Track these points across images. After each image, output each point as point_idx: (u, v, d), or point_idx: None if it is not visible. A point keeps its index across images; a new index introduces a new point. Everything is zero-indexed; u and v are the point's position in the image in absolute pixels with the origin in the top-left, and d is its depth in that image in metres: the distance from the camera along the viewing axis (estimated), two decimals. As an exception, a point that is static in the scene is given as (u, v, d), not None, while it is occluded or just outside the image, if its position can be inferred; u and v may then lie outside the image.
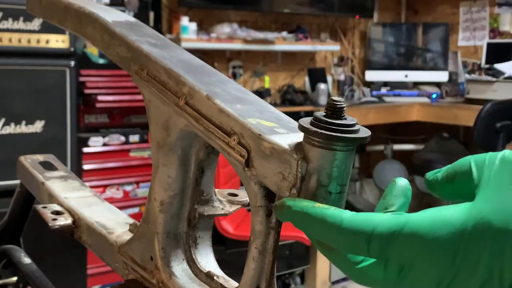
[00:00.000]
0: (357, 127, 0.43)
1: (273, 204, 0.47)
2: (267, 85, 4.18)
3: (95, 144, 2.99)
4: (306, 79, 4.35)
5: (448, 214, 0.38)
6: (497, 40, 4.44)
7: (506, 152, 0.39)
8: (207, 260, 0.59)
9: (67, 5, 0.67)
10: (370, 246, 0.39)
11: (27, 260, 0.84)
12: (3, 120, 2.61)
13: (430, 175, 0.43)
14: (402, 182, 0.43)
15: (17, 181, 0.88)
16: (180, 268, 0.59)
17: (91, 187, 0.80)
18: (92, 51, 3.00)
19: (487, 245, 0.36)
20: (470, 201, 0.38)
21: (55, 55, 2.72)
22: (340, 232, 0.40)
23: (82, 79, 2.91)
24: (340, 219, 0.40)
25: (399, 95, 4.47)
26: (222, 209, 0.61)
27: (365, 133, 0.43)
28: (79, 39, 2.81)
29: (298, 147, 0.44)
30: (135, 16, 3.06)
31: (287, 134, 0.46)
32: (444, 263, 0.37)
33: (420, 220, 0.38)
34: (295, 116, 0.48)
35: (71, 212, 0.71)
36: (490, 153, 0.39)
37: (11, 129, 2.63)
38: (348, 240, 0.40)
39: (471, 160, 0.40)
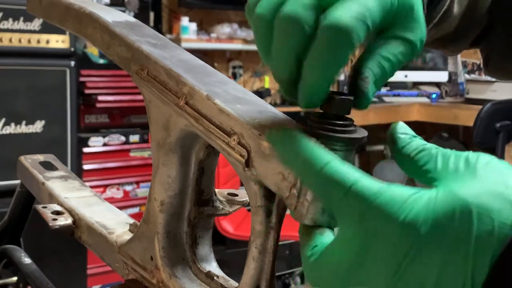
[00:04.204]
0: (355, 127, 0.43)
1: (273, 204, 0.47)
2: (267, 85, 4.18)
3: (95, 144, 3.00)
4: (306, 79, 4.34)
5: (425, 195, 0.36)
6: (497, 40, 4.43)
7: (470, 154, 0.38)
8: (207, 260, 0.59)
9: (68, 5, 0.67)
10: (347, 198, 0.37)
11: (27, 260, 0.84)
12: (3, 120, 2.61)
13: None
14: None
15: (17, 181, 0.88)
16: (180, 268, 0.59)
17: (91, 187, 0.80)
18: (92, 51, 3.01)
19: (471, 229, 0.34)
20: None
21: (55, 55, 2.72)
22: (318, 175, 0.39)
23: (82, 79, 2.91)
24: (326, 160, 0.39)
25: (398, 95, 4.46)
26: (222, 209, 0.61)
27: (363, 133, 0.43)
28: (79, 39, 2.82)
29: (298, 147, 0.44)
30: (135, 16, 3.06)
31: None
32: (409, 241, 0.35)
33: (401, 195, 0.36)
34: (295, 116, 0.48)
35: (71, 212, 0.71)
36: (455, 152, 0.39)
37: (11, 129, 2.63)
38: (326, 183, 0.39)
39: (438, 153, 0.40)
